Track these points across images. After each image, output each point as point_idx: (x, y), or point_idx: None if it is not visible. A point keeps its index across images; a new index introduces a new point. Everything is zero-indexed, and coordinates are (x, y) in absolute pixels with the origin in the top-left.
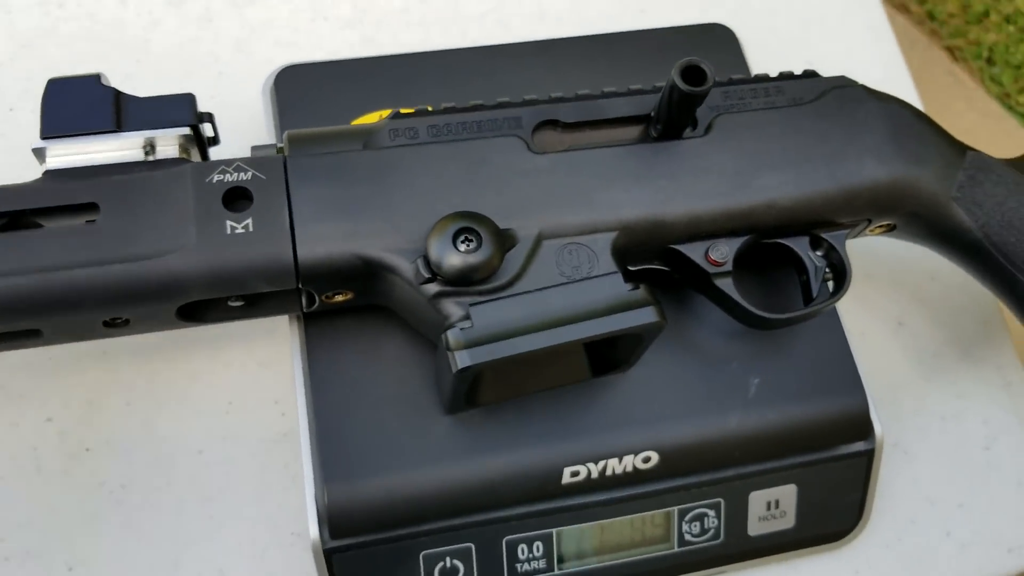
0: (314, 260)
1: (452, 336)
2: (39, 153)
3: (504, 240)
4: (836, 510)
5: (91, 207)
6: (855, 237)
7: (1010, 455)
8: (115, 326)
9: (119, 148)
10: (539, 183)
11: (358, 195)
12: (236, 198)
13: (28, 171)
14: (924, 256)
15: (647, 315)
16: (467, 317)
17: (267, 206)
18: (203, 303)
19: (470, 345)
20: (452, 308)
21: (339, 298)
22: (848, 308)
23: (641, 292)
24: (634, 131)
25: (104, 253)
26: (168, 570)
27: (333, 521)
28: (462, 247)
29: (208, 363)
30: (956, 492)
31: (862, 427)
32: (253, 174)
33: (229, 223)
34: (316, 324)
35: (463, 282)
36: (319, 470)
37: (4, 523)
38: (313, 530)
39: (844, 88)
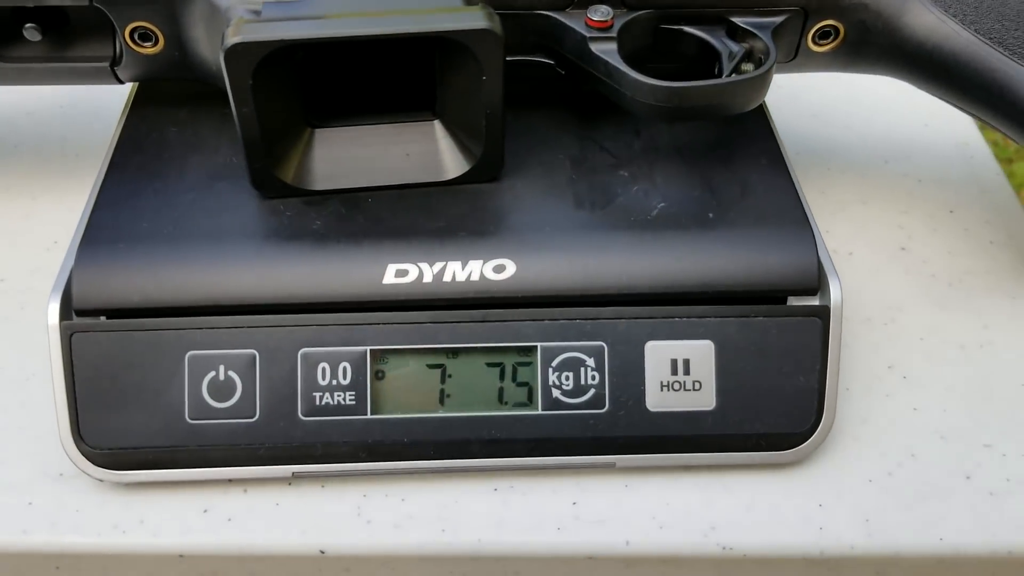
0: None
1: (234, 20)
2: None
3: None
4: (779, 396)
5: None
6: (796, 59)
7: None
8: None
9: None
10: None
11: None
12: None
13: None
14: (936, 180)
15: (475, 18)
16: (259, 12)
17: None
18: None
19: (251, 24)
20: (246, 13)
21: (148, 47)
22: (832, 228)
23: (480, 6)
24: None
25: None
26: None
27: (79, 294)
28: None
29: (45, 200)
30: (982, 430)
31: (806, 273)
32: None
33: None
34: (140, 110)
35: None
36: (80, 234)
37: None
38: (53, 306)
39: None
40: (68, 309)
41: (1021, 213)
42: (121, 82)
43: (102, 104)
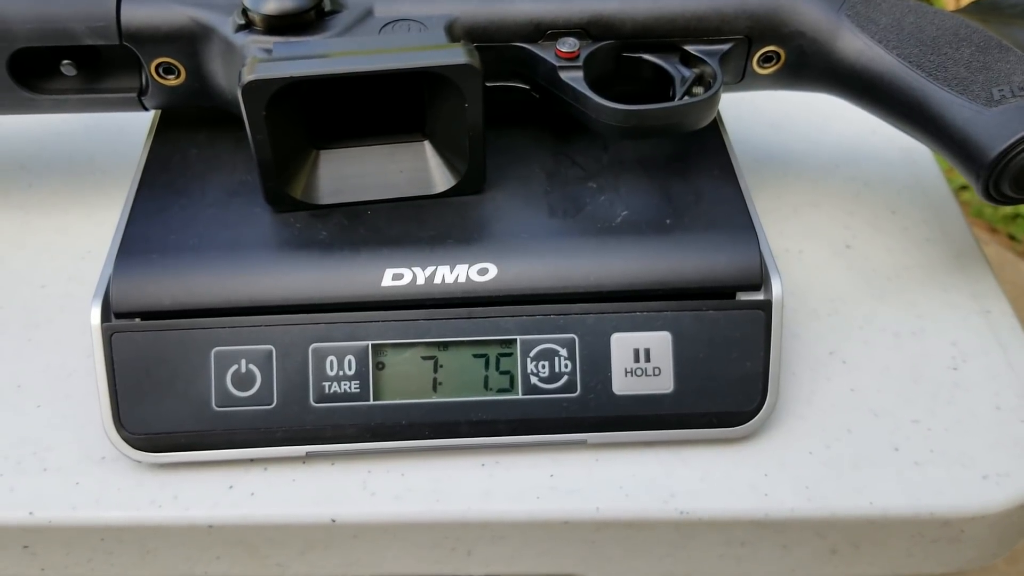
0: (135, 15)
1: (249, 59)
2: None
3: None
4: (729, 379)
5: None
6: (743, 82)
7: (986, 378)
8: None
9: None
10: None
11: None
12: None
13: None
14: (880, 183)
15: (456, 55)
16: (271, 51)
17: None
18: (36, 65)
19: (265, 63)
20: (259, 52)
21: (171, 79)
22: (784, 229)
23: (461, 43)
24: None
25: None
26: None
27: (117, 299)
28: None
29: (77, 216)
30: (909, 408)
31: (752, 272)
32: None
33: None
34: (165, 135)
35: (277, 29)
36: (117, 246)
37: None
38: (95, 309)
39: None
40: (108, 312)
41: (957, 213)
42: (147, 110)
43: (126, 124)
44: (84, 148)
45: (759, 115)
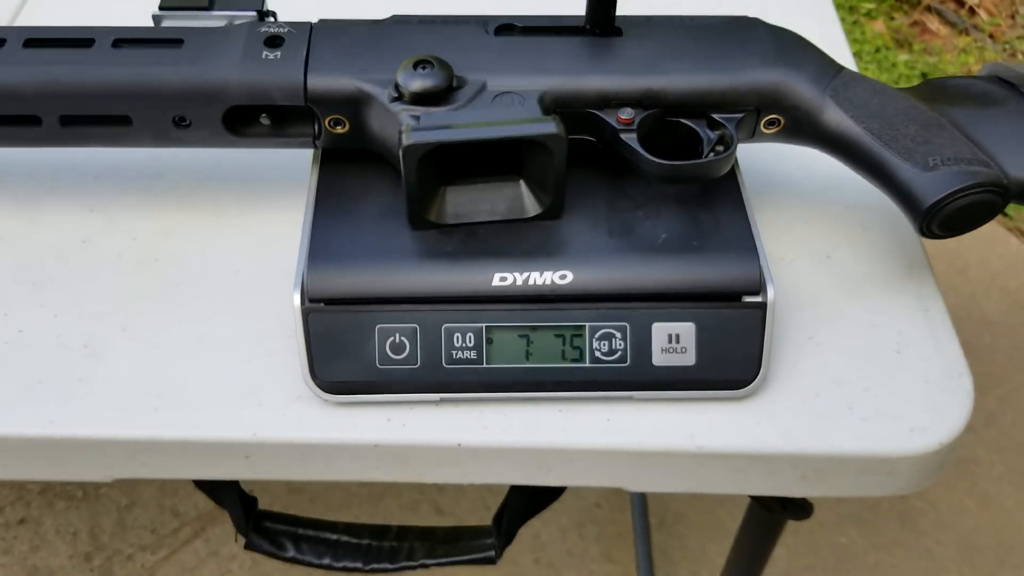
0: (318, 84)
1: (405, 126)
2: (156, 19)
3: (454, 78)
4: (735, 358)
5: (181, 42)
6: (753, 138)
7: (920, 359)
8: (180, 127)
9: (209, 21)
10: (491, 53)
11: (356, 47)
12: (275, 42)
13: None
14: (857, 207)
15: (548, 126)
16: (418, 118)
17: (293, 47)
18: (242, 117)
19: (417, 130)
20: (410, 120)
21: (339, 129)
22: (780, 240)
23: (552, 117)
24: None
25: (180, 62)
26: (197, 328)
27: (311, 289)
28: (420, 71)
29: (256, 217)
30: (863, 379)
31: (754, 282)
32: (288, 30)
33: (265, 53)
34: (327, 166)
35: (420, 100)
36: (306, 254)
37: (87, 298)
38: (296, 295)
39: (745, 18)
40: (304, 298)
41: (912, 233)
42: (317, 148)
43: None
44: (251, 165)
45: (766, 148)
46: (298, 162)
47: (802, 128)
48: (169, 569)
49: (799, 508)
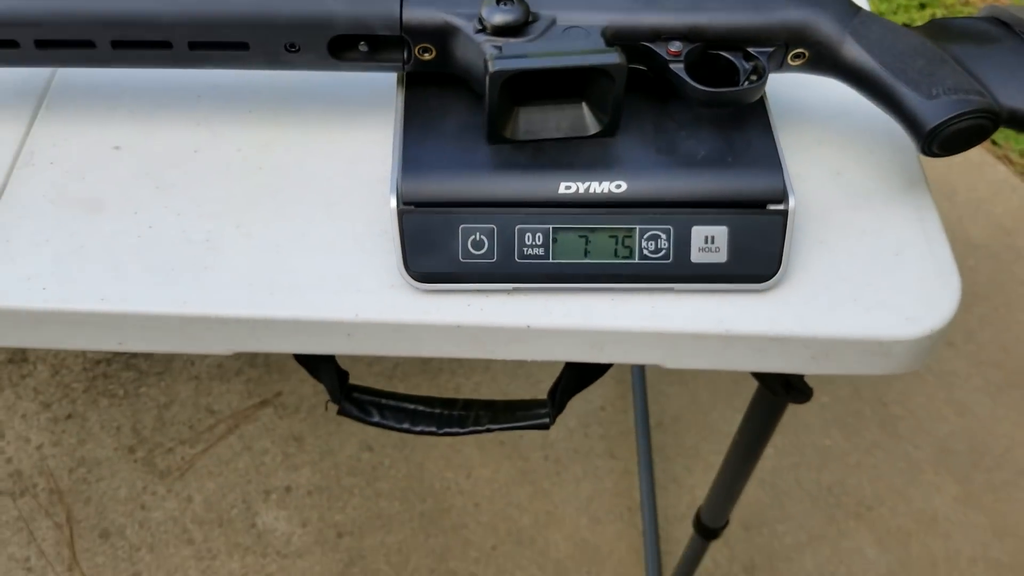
0: (412, 16)
1: (489, 55)
2: None
3: (530, 13)
4: (760, 256)
5: None
6: (781, 69)
7: (915, 261)
8: (291, 51)
9: None
10: None
11: None
12: None
13: None
14: (864, 131)
15: (613, 57)
16: (500, 48)
17: None
18: (344, 44)
19: (499, 58)
20: (493, 49)
21: (426, 56)
22: (799, 159)
23: (615, 48)
24: None
25: None
26: (301, 227)
27: (405, 194)
28: (502, 6)
29: (343, 133)
30: (866, 276)
31: (778, 192)
32: None
33: None
34: (413, 89)
35: (501, 32)
36: (399, 164)
37: (204, 200)
38: (392, 199)
39: None
40: (399, 201)
41: (914, 156)
42: (403, 73)
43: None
44: (332, 87)
45: (790, 79)
46: (376, 85)
47: (824, 61)
48: (207, 461)
49: (800, 392)
